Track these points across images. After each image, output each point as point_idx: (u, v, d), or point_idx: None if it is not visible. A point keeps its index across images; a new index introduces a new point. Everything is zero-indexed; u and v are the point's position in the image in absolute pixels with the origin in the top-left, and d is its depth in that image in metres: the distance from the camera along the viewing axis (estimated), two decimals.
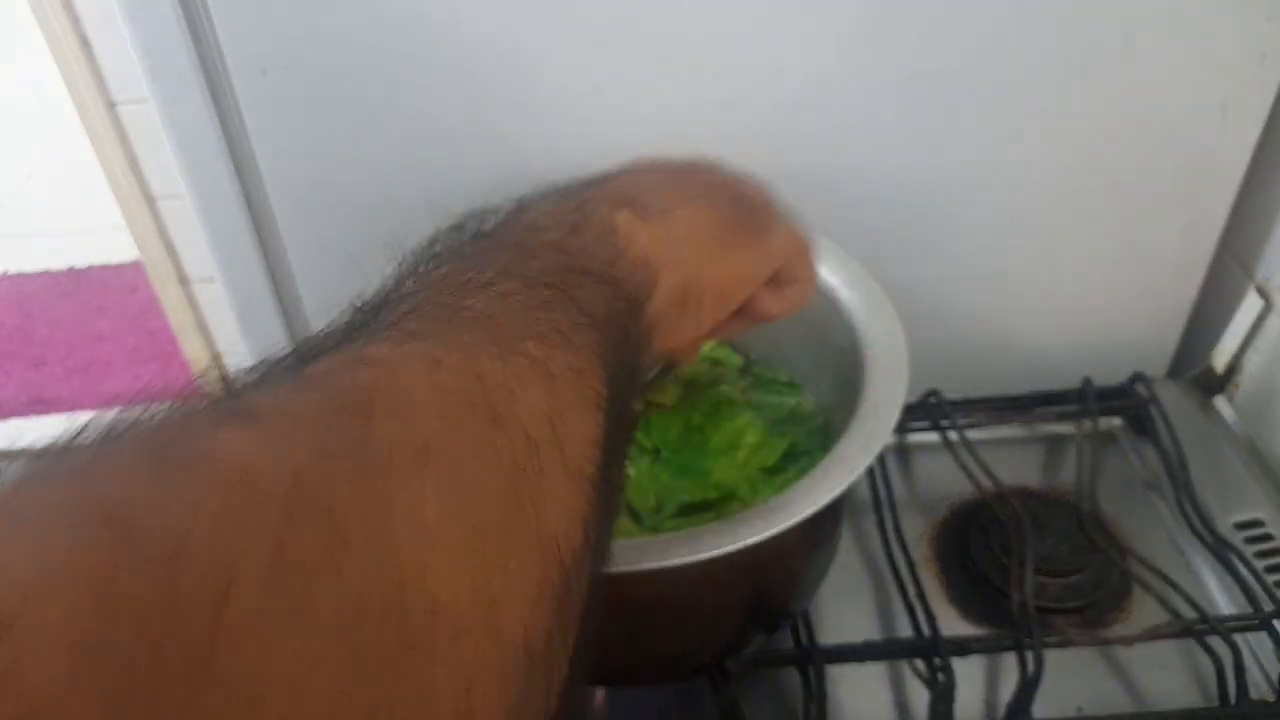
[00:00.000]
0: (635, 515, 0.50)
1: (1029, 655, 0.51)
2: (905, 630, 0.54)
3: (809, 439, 0.53)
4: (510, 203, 0.33)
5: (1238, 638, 0.52)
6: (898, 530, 0.58)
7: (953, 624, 0.56)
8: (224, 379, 0.21)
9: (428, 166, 0.60)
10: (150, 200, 0.64)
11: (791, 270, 0.39)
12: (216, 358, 0.72)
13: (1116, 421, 0.68)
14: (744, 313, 0.39)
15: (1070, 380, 0.67)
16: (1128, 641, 0.53)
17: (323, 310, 0.27)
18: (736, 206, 0.37)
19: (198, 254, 0.66)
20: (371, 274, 0.51)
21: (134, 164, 0.62)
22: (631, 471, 0.51)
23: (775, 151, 0.60)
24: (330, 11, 0.54)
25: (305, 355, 0.23)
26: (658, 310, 0.31)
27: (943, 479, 0.63)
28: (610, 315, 0.27)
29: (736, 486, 0.50)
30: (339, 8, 0.54)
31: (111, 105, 0.61)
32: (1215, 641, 0.51)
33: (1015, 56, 0.57)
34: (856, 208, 0.62)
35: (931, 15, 0.55)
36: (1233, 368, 0.68)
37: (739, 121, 0.59)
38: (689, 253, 0.33)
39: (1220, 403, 0.69)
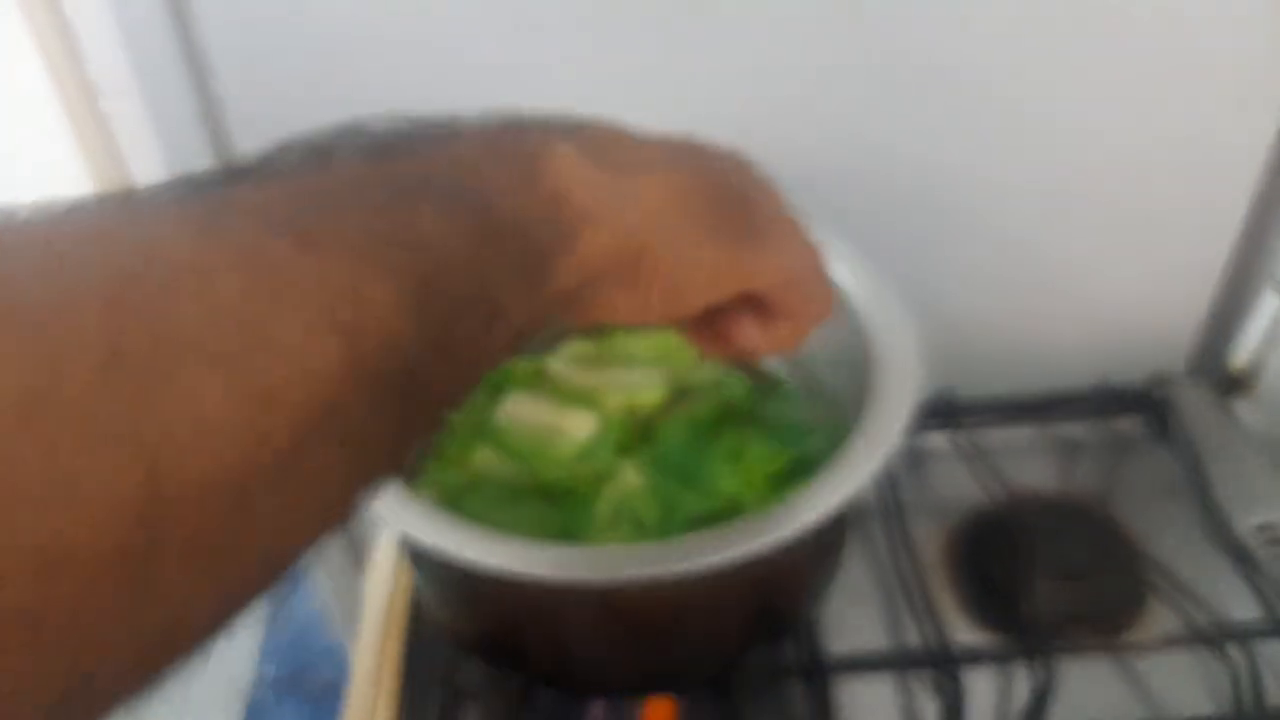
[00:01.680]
0: (641, 527, 0.49)
1: (1041, 665, 0.50)
2: (914, 640, 0.53)
3: (817, 447, 0.52)
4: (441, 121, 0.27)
5: (1255, 645, 0.51)
6: (906, 536, 0.58)
7: (963, 633, 0.55)
8: None
9: None
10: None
11: (787, 300, 0.33)
12: None
13: (1133, 423, 0.67)
14: (718, 335, 0.34)
15: (1086, 379, 0.67)
16: (1143, 650, 0.52)
17: None
18: (732, 193, 0.31)
19: None
20: None
21: (117, 157, 0.62)
22: (637, 482, 0.50)
23: (786, 147, 0.59)
24: (316, 3, 0.54)
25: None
26: (588, 263, 0.27)
27: (953, 483, 0.62)
28: (461, 246, 0.23)
29: (743, 497, 0.49)
30: None
31: (95, 98, 0.60)
32: (1232, 649, 0.51)
33: (1032, 53, 0.57)
34: (870, 205, 0.61)
35: (946, 13, 0.55)
36: (1252, 367, 0.67)
37: (748, 116, 0.58)
38: (646, 219, 0.28)
39: (1240, 403, 0.68)
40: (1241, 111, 0.59)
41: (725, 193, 0.31)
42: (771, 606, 0.48)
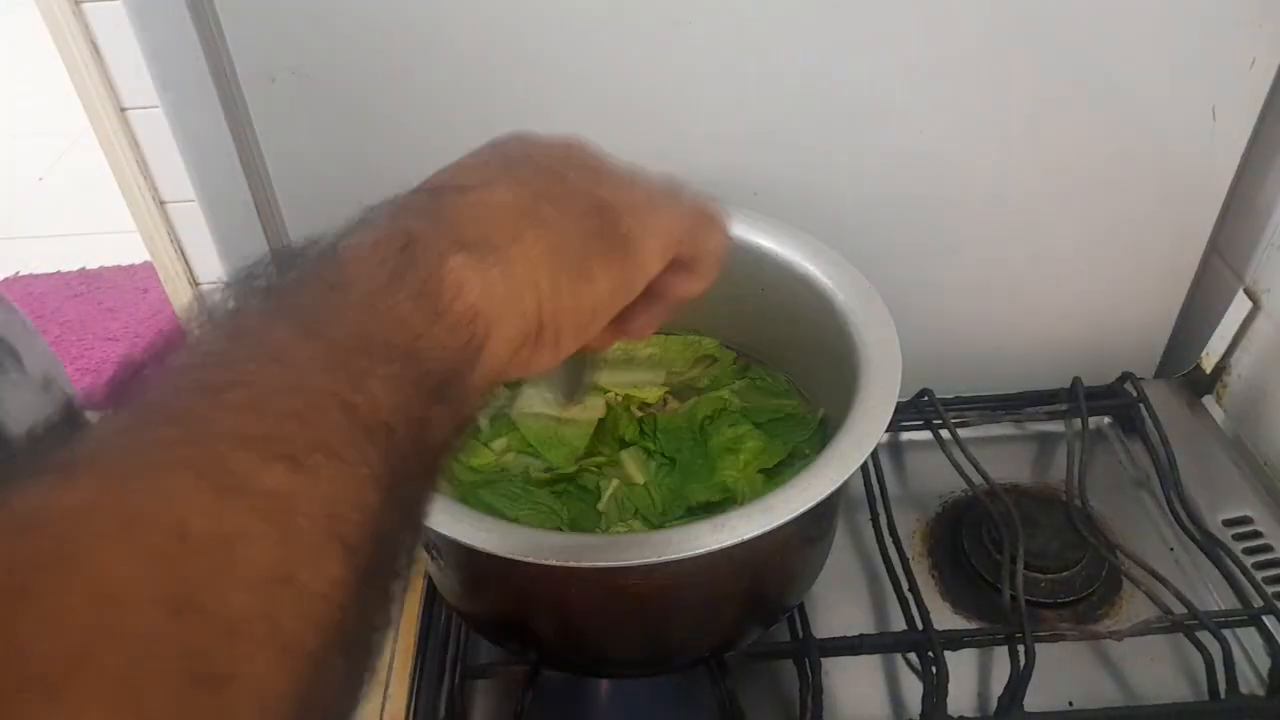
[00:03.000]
0: (644, 519, 0.51)
1: (1020, 649, 0.51)
2: (899, 624, 0.54)
3: (807, 442, 0.54)
4: (332, 232, 0.28)
5: (1227, 633, 0.52)
6: (891, 526, 0.59)
7: (945, 618, 0.57)
8: None
9: (434, 172, 0.61)
10: (160, 204, 0.64)
11: (686, 254, 0.34)
12: None
13: (1106, 420, 0.69)
14: (654, 298, 0.35)
15: (1061, 380, 0.68)
16: (1118, 636, 0.54)
17: None
18: (593, 221, 0.32)
19: (208, 257, 0.67)
20: None
21: (144, 168, 0.63)
22: (640, 479, 0.52)
23: (769, 154, 0.61)
24: (338, 18, 0.55)
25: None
26: (497, 360, 0.28)
27: (935, 476, 0.63)
28: (406, 406, 0.24)
29: (737, 488, 0.51)
30: (347, 15, 0.55)
31: (122, 111, 0.62)
32: (1205, 637, 0.52)
33: (1006, 61, 0.58)
34: (851, 211, 0.63)
35: (925, 20, 0.56)
36: (1221, 368, 0.69)
37: (733, 124, 0.60)
38: (535, 291, 0.29)
39: (1209, 402, 0.69)
40: (1214, 120, 0.60)
41: (583, 213, 0.31)
42: (764, 591, 0.49)
